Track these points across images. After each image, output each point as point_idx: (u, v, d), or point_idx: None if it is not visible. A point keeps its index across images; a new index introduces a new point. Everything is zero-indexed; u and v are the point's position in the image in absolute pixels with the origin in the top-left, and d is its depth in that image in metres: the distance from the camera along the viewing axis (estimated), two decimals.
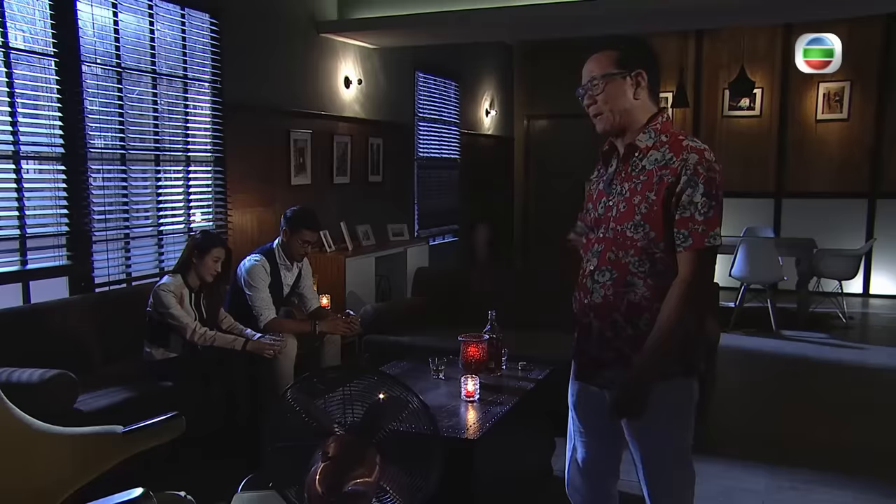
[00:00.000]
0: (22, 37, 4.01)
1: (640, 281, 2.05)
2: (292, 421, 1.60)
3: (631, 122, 2.09)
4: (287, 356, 4.07)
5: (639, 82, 2.08)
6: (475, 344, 3.40)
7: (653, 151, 2.04)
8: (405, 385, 1.64)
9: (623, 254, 2.07)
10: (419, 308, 5.24)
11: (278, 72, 5.80)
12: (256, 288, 4.22)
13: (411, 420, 1.61)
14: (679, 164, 1.98)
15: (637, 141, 2.07)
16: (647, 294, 2.04)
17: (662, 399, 2.03)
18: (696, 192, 1.95)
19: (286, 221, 4.36)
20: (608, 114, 2.10)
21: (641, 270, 2.05)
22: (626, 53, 2.10)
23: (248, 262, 4.31)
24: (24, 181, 3.99)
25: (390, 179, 7.34)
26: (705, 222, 1.95)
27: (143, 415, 3.11)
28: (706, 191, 1.95)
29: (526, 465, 3.52)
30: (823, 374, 5.82)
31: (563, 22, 6.28)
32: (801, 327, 7.03)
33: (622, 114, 2.09)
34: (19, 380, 3.20)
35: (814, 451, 4.16)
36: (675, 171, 1.98)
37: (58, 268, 4.20)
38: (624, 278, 2.07)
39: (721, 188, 1.96)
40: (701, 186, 1.95)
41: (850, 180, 8.63)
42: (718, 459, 3.90)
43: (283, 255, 4.38)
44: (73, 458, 2.49)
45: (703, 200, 1.95)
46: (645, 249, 2.04)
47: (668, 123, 2.09)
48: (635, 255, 2.05)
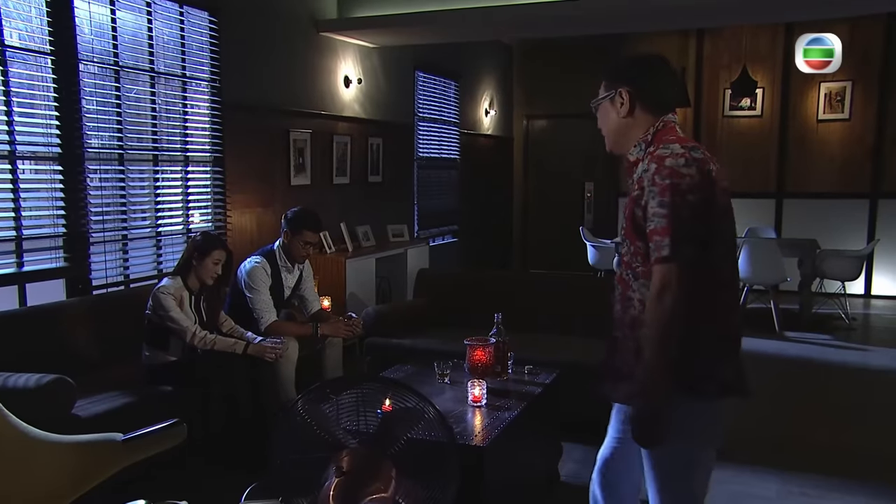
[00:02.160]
0: (17, 34, 3.93)
1: (634, 295, 2.01)
2: (303, 432, 1.53)
3: (626, 139, 2.10)
4: (288, 359, 4.00)
5: (622, 101, 2.07)
6: (482, 348, 3.33)
7: (640, 164, 2.02)
8: (420, 394, 1.58)
9: (622, 270, 2.08)
10: (421, 310, 5.17)
11: (278, 71, 5.73)
12: (257, 290, 4.15)
13: (427, 430, 1.54)
14: (643, 174, 1.95)
15: (629, 155, 2.08)
16: (641, 309, 1.98)
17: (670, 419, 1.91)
18: (653, 202, 1.89)
19: (287, 222, 4.29)
20: (606, 135, 2.17)
21: (633, 286, 2.02)
22: (609, 76, 2.14)
23: (249, 263, 4.24)
24: (21, 182, 3.92)
25: (390, 180, 7.28)
26: (661, 231, 1.86)
27: (142, 420, 3.05)
28: (661, 200, 1.87)
29: (533, 471, 3.45)
30: (829, 377, 5.77)
31: (562, 21, 6.25)
32: (804, 329, 6.98)
33: (614, 133, 2.13)
34: (15, 385, 3.12)
35: (822, 454, 4.11)
36: (641, 181, 1.95)
37: (54, 270, 4.12)
38: (625, 294, 2.06)
39: (688, 193, 1.85)
40: (657, 196, 1.88)
41: (852, 180, 8.59)
42: (728, 464, 3.83)
43: (283, 256, 4.31)
44: (71, 467, 2.42)
45: (658, 210, 1.88)
46: (629, 264, 2.03)
47: (661, 132, 2.03)
48: (627, 269, 2.05)
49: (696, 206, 1.86)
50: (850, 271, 7.16)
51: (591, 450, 3.90)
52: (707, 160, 1.95)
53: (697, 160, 1.92)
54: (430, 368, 3.58)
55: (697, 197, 1.86)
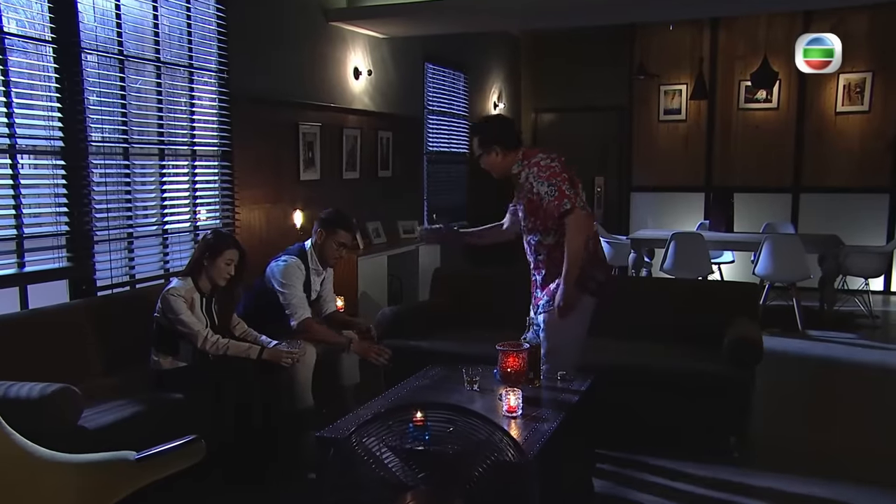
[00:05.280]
0: (16, 21, 3.71)
1: (543, 252, 3.48)
2: (358, 470, 1.32)
3: (508, 168, 3.46)
4: (306, 365, 3.80)
5: (497, 152, 3.42)
6: (514, 354, 3.12)
7: (522, 173, 3.40)
8: (492, 422, 1.37)
9: (535, 245, 3.51)
10: (437, 310, 4.97)
11: (287, 61, 5.51)
12: (292, 286, 4.00)
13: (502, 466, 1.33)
14: (529, 177, 3.36)
15: (513, 171, 3.45)
16: (546, 255, 3.46)
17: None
18: (542, 187, 3.29)
19: (321, 223, 4.15)
20: (494, 172, 3.52)
21: (540, 251, 3.48)
22: (482, 139, 3.47)
23: (281, 262, 4.07)
24: (21, 177, 3.71)
25: (400, 174, 7.07)
26: (556, 198, 3.26)
27: (153, 431, 2.86)
28: (548, 182, 3.28)
29: (571, 485, 3.25)
30: (858, 377, 5.57)
31: (571, 10, 6.11)
32: (826, 327, 6.76)
33: (499, 169, 3.48)
34: (18, 395, 2.92)
35: (849, 459, 3.92)
36: (528, 180, 3.36)
37: (57, 270, 3.91)
38: (538, 256, 3.52)
39: (559, 174, 3.28)
40: (544, 183, 3.29)
41: (871, 174, 8.37)
42: (749, 468, 3.69)
43: (315, 258, 4.14)
44: (80, 490, 2.22)
45: (548, 189, 3.27)
46: (538, 236, 3.46)
47: (526, 153, 3.42)
48: (536, 243, 3.48)
49: (567, 180, 3.28)
50: (874, 268, 6.97)
51: (620, 456, 3.76)
52: (558, 157, 3.37)
53: (556, 158, 3.36)
54: (454, 373, 3.39)
55: (564, 175, 3.29)
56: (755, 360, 3.89)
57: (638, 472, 3.69)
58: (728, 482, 3.58)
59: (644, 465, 3.77)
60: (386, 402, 3.11)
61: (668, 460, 3.80)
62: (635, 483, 3.58)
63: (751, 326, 4.14)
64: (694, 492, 3.48)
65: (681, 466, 3.74)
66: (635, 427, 4.01)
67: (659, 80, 9.07)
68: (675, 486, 3.55)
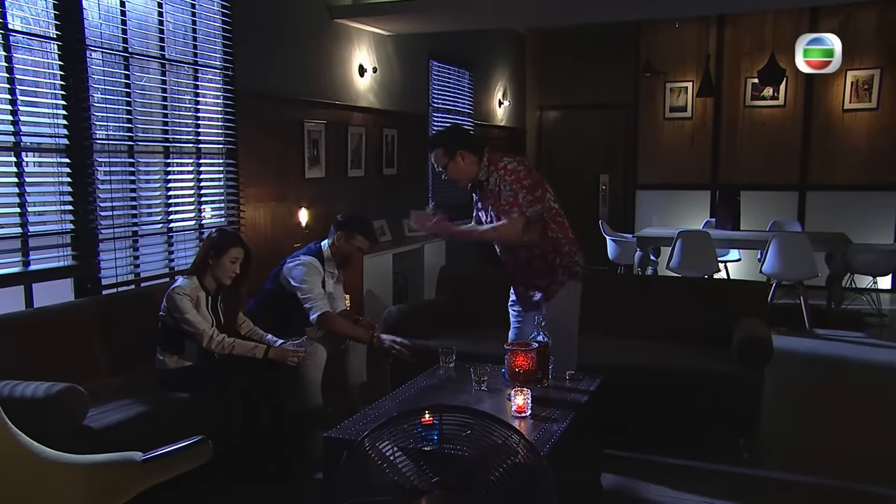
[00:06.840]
0: (21, 18, 3.69)
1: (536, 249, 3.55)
2: (371, 474, 1.29)
3: (473, 174, 3.48)
4: (316, 364, 3.78)
5: (462, 158, 3.44)
6: (523, 353, 3.09)
7: (491, 177, 3.45)
8: (508, 425, 1.34)
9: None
10: (444, 309, 4.94)
11: (292, 58, 5.48)
12: (311, 281, 3.97)
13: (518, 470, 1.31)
14: (496, 180, 3.42)
15: (480, 177, 3.49)
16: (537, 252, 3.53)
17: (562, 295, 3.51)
18: (506, 190, 3.37)
19: (340, 226, 4.11)
20: (459, 178, 3.51)
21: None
22: (446, 148, 3.46)
23: (297, 260, 4.05)
24: (26, 175, 3.68)
25: (405, 172, 7.04)
26: (510, 203, 3.36)
27: (159, 431, 2.83)
28: (510, 187, 3.37)
29: (577, 483, 3.22)
30: (868, 378, 5.52)
31: (576, 7, 6.07)
32: (834, 325, 6.71)
33: (465, 174, 3.49)
34: (23, 395, 2.89)
35: (860, 459, 3.88)
36: (497, 184, 3.42)
37: (62, 269, 3.89)
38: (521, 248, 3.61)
39: (523, 180, 3.37)
40: (508, 186, 3.37)
41: (879, 172, 8.31)
42: (759, 467, 3.64)
43: (331, 261, 4.10)
44: (86, 491, 2.20)
45: (508, 192, 3.36)
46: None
47: (490, 157, 3.47)
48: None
49: (526, 187, 3.36)
50: (882, 266, 6.92)
51: (628, 456, 3.73)
52: (524, 160, 3.52)
53: (521, 161, 3.48)
54: (462, 373, 3.36)
55: (525, 183, 3.37)
56: (765, 360, 3.86)
57: (646, 472, 3.66)
58: (738, 482, 3.55)
59: (653, 465, 3.75)
60: (393, 401, 3.08)
61: (677, 460, 3.77)
62: (644, 484, 3.55)
63: (760, 326, 4.10)
64: (703, 491, 3.45)
65: (690, 466, 3.71)
66: (644, 427, 3.98)
67: (665, 77, 9.03)
68: (684, 485, 3.51)
